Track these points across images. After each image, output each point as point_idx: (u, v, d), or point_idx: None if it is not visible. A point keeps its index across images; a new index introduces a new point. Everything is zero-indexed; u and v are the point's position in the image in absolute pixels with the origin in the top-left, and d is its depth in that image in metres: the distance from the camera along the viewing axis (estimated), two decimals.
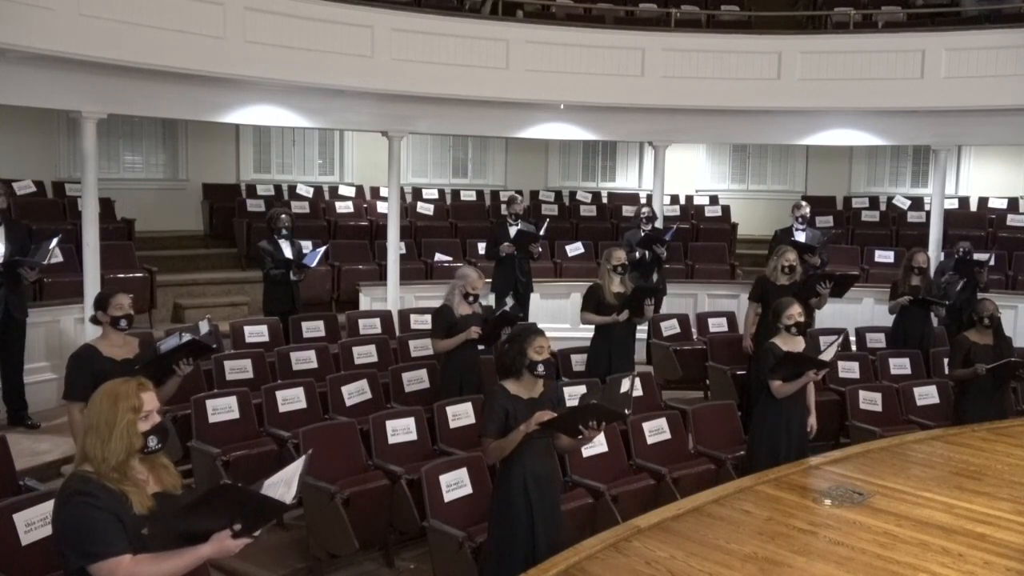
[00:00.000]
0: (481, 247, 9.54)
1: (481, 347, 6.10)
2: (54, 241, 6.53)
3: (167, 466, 2.85)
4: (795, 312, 5.18)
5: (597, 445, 5.09)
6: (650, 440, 5.51)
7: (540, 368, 3.91)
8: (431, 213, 11.76)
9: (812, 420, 5.24)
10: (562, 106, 9.51)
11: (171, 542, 2.59)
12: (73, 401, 4.32)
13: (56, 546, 2.64)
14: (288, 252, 7.57)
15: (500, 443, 3.83)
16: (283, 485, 2.68)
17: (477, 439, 5.16)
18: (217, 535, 2.59)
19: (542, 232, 8.61)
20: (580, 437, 3.85)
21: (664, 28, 9.96)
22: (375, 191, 12.19)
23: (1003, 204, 12.26)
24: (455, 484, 4.47)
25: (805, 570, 3.31)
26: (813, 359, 4.93)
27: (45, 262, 6.51)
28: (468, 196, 12.78)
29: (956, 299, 8.02)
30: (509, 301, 6.22)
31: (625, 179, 14.08)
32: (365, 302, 9.31)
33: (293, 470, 2.75)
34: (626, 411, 4.10)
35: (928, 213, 10.42)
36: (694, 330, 8.47)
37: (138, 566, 2.56)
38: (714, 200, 13.10)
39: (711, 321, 8.52)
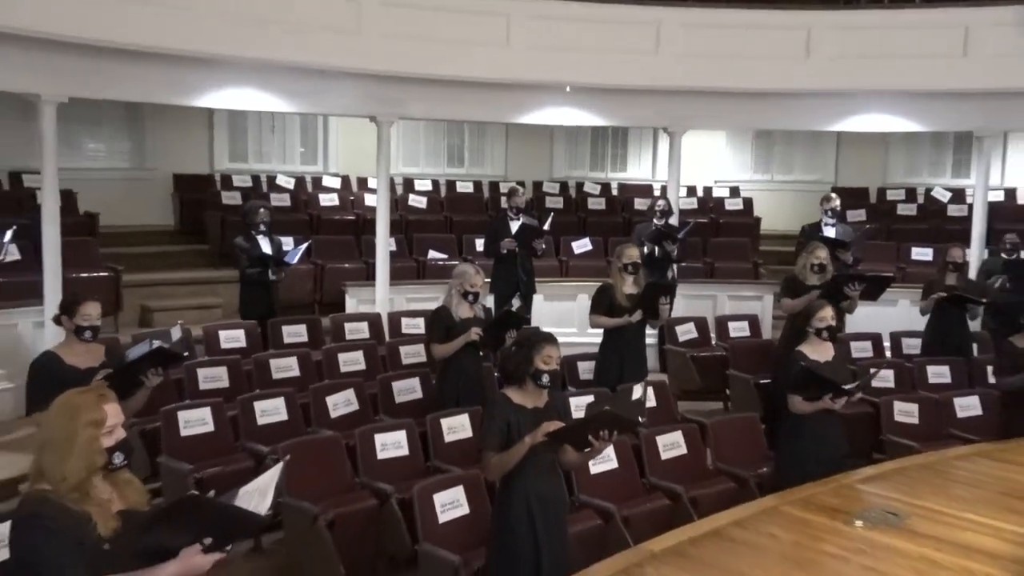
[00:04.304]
0: (479, 243, 9.55)
1: (482, 352, 6.09)
2: (8, 234, 6.53)
3: (131, 481, 2.83)
4: (827, 315, 5.19)
5: (607, 461, 5.09)
6: (665, 456, 5.50)
7: (544, 379, 3.93)
8: (424, 206, 11.77)
9: None
10: (568, 88, 9.50)
11: (134, 561, 2.56)
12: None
13: (9, 573, 2.63)
14: (266, 249, 7.58)
15: (502, 457, 3.83)
16: (258, 495, 2.66)
17: (475, 454, 5.16)
18: (185, 551, 2.57)
19: (546, 227, 8.61)
20: (588, 450, 3.86)
21: (681, 1, 9.94)
22: (362, 182, 12.20)
23: None
24: (450, 504, 4.47)
25: None
26: (833, 384, 4.89)
27: (1, 258, 6.51)
28: (465, 187, 12.80)
29: (1001, 300, 7.98)
30: (516, 302, 6.23)
31: (638, 169, 14.08)
32: (351, 304, 9.31)
33: (269, 478, 2.73)
34: (640, 419, 4.11)
35: (970, 206, 10.40)
36: (713, 335, 8.48)
37: None
38: (735, 192, 13.11)
39: (732, 325, 8.52)
